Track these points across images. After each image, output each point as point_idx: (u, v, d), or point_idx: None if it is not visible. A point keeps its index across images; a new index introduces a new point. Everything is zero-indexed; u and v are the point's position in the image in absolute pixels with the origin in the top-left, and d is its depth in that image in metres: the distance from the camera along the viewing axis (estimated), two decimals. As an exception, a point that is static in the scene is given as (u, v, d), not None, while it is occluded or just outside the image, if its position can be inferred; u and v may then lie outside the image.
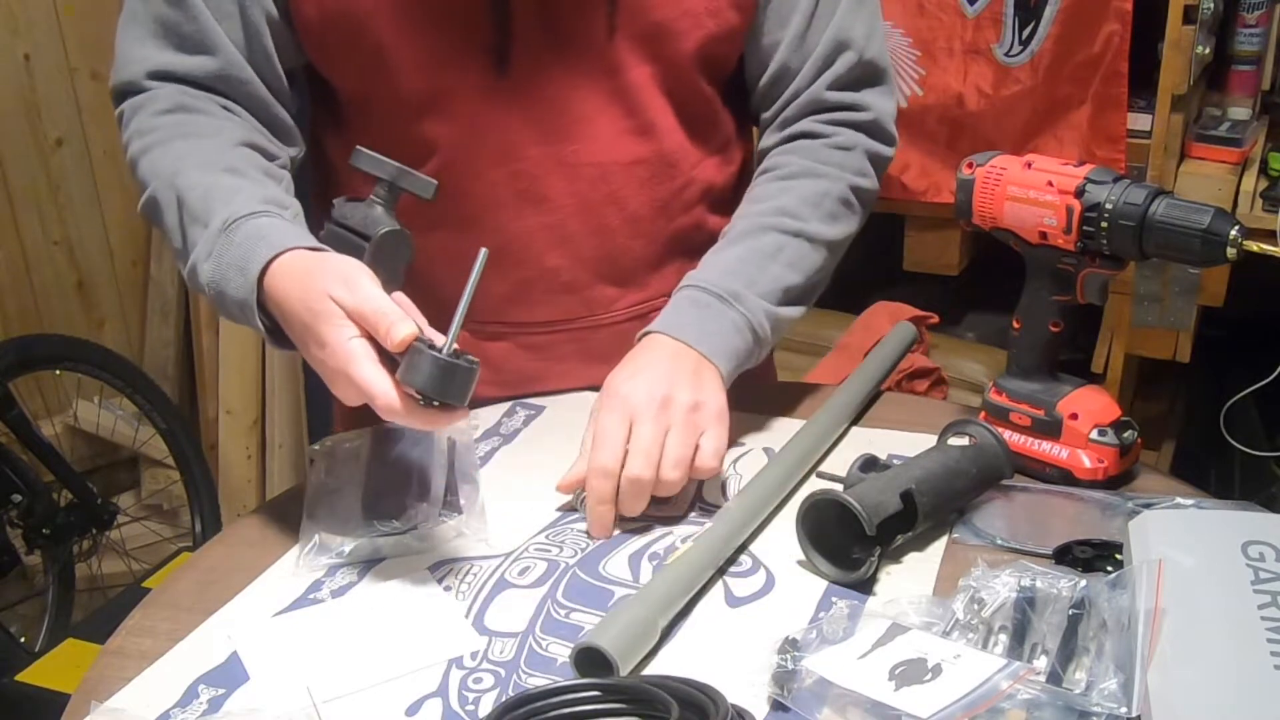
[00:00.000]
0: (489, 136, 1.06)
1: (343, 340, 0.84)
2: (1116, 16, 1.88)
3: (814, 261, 1.08)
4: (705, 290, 1.02)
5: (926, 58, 2.07)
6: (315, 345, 0.86)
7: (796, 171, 1.10)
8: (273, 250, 0.90)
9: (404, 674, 0.78)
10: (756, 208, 1.09)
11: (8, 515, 2.23)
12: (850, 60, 1.10)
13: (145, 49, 1.03)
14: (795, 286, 1.06)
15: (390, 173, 0.95)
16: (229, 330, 2.61)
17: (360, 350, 0.83)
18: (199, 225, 0.94)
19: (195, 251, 0.94)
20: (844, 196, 1.10)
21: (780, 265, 1.05)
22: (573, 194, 1.09)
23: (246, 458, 2.66)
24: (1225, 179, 1.89)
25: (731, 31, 1.08)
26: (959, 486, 0.91)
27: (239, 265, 0.90)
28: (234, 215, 0.92)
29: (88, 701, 0.76)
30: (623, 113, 1.07)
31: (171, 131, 1.00)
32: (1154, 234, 0.89)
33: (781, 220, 1.06)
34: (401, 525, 0.92)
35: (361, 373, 0.83)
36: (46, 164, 2.62)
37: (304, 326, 0.86)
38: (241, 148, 1.01)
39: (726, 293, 1.02)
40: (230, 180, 0.96)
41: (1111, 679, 0.68)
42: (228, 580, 0.90)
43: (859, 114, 1.12)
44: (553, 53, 1.04)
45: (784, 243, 1.06)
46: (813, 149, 1.11)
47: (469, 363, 0.82)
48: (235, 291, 0.91)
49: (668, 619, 0.80)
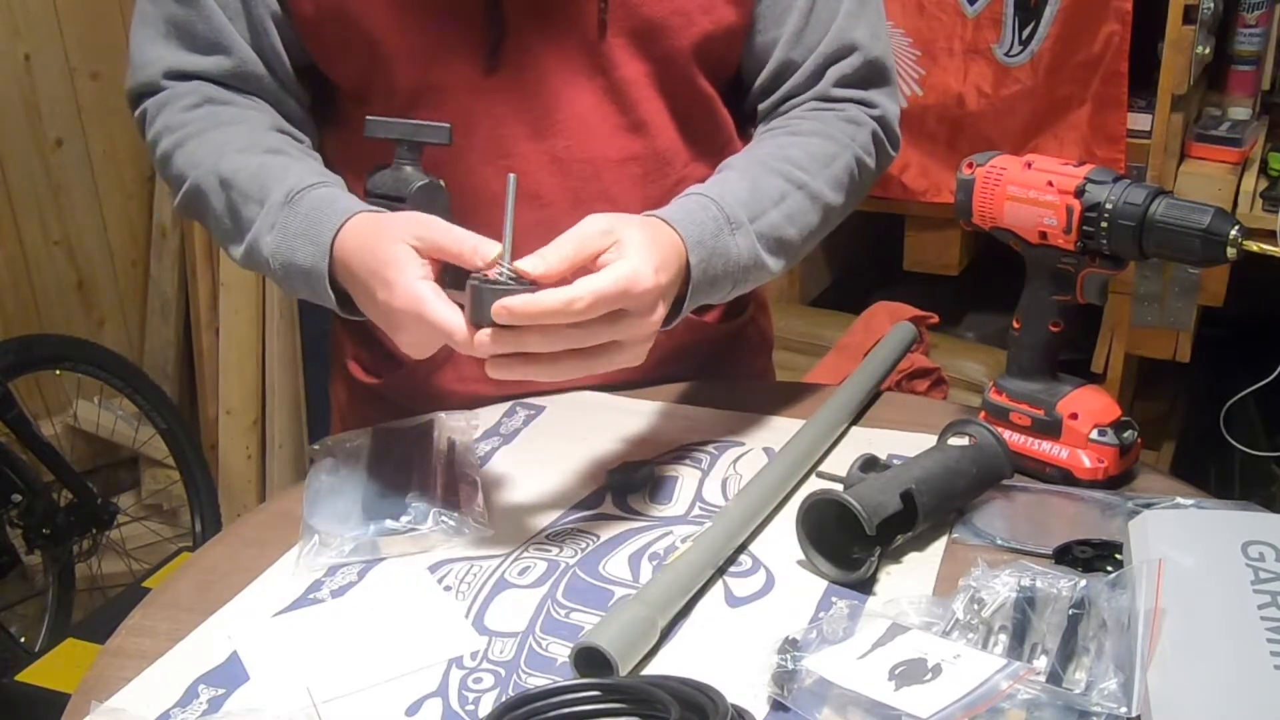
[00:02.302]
0: (480, 131, 1.06)
1: (412, 281, 0.84)
2: (1116, 16, 1.88)
3: (810, 220, 1.04)
4: (715, 203, 0.97)
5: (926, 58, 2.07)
6: (382, 288, 0.86)
7: (807, 130, 1.08)
8: (342, 216, 0.92)
9: (404, 674, 0.78)
10: (765, 151, 1.06)
11: (8, 515, 2.23)
12: (856, 61, 1.10)
13: (159, 49, 1.05)
14: (787, 240, 1.03)
15: (404, 131, 0.97)
16: (229, 330, 2.61)
17: (429, 290, 0.84)
18: (253, 203, 0.96)
19: (255, 227, 0.95)
20: (850, 166, 1.08)
21: (779, 213, 1.02)
22: (565, 190, 1.09)
23: (246, 458, 2.66)
24: (1225, 179, 1.90)
25: (729, 29, 1.07)
26: (959, 486, 0.91)
27: (307, 234, 0.92)
28: (296, 187, 0.94)
29: (88, 701, 0.76)
30: (615, 110, 1.07)
31: (204, 124, 1.02)
32: (1154, 234, 0.89)
33: (788, 169, 1.03)
34: (401, 525, 0.92)
35: (436, 312, 0.83)
36: (46, 164, 2.62)
37: (370, 274, 0.87)
38: (275, 132, 1.03)
39: (733, 217, 0.98)
40: (276, 160, 0.98)
41: (1111, 679, 0.68)
42: (228, 580, 0.90)
43: (868, 109, 1.12)
44: (545, 48, 1.04)
45: (787, 191, 1.02)
46: (823, 116, 1.10)
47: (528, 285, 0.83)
48: (304, 260, 0.92)
49: (667, 618, 0.80)
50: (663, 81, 1.08)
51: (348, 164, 1.13)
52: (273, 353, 2.61)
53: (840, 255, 2.50)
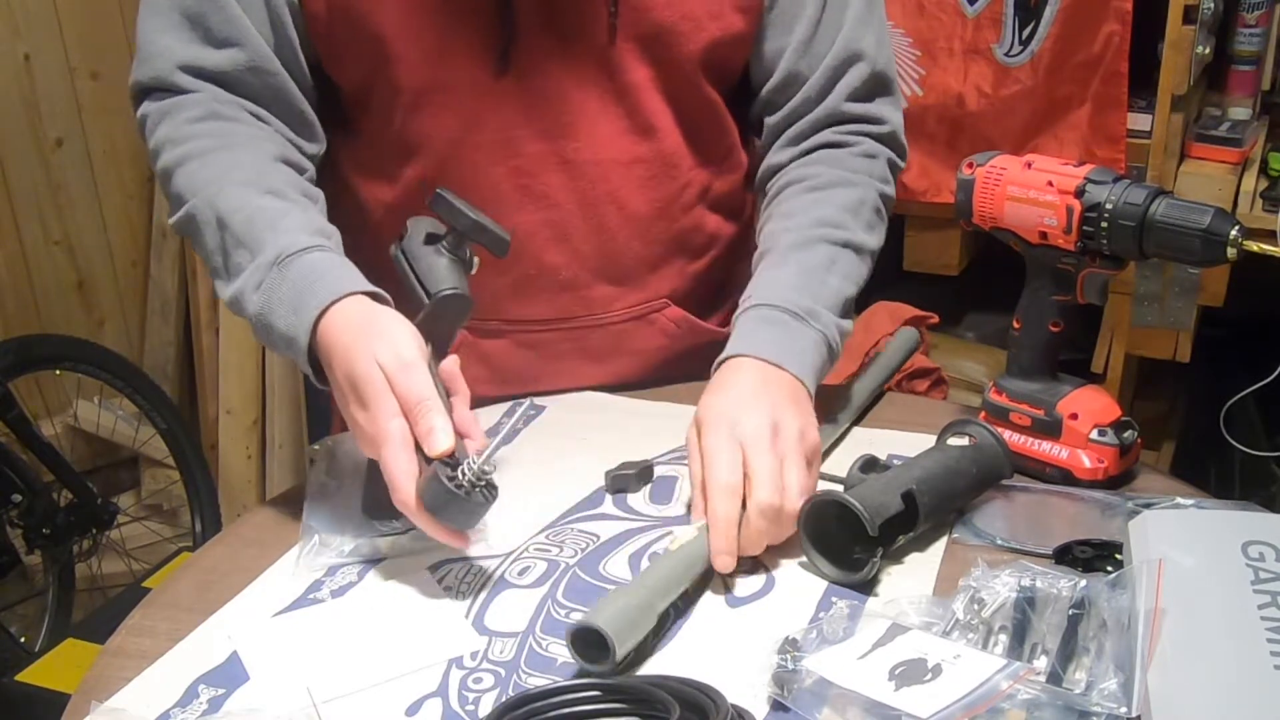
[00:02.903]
0: (488, 131, 1.06)
1: (385, 417, 0.84)
2: (1116, 16, 1.88)
3: (862, 272, 1.06)
4: (778, 309, 0.99)
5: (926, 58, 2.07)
6: (356, 406, 0.86)
7: (828, 181, 1.09)
8: (331, 295, 0.89)
9: (404, 674, 0.78)
10: (797, 220, 1.06)
11: (8, 515, 2.23)
12: (864, 72, 1.10)
13: (170, 40, 1.02)
14: (850, 298, 1.05)
15: (465, 224, 0.91)
16: (229, 330, 2.61)
17: (398, 435, 0.83)
18: (244, 251, 0.93)
19: (241, 279, 0.93)
20: (876, 205, 1.10)
21: (837, 277, 1.03)
22: (572, 191, 1.09)
23: (246, 458, 2.66)
24: (1225, 179, 1.89)
25: (736, 36, 1.08)
26: (959, 486, 0.91)
27: (291, 304, 0.90)
28: (288, 250, 0.92)
29: (88, 701, 0.76)
30: (623, 113, 1.07)
31: (207, 143, 0.99)
32: (1154, 234, 0.89)
33: (828, 231, 1.05)
34: (401, 525, 0.92)
35: (392, 459, 0.83)
36: (46, 164, 2.62)
37: (350, 384, 0.86)
38: (279, 165, 1.00)
39: (802, 310, 0.99)
40: (275, 204, 0.96)
41: (1111, 679, 0.68)
42: (228, 580, 0.90)
43: (877, 127, 1.13)
44: (554, 50, 1.04)
45: (836, 254, 1.04)
46: (839, 158, 1.10)
47: (484, 496, 0.83)
48: (286, 329, 0.90)
49: (666, 603, 0.81)
50: (669, 86, 1.08)
51: (356, 166, 1.13)
52: (273, 353, 2.61)
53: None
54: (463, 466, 0.82)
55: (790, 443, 0.89)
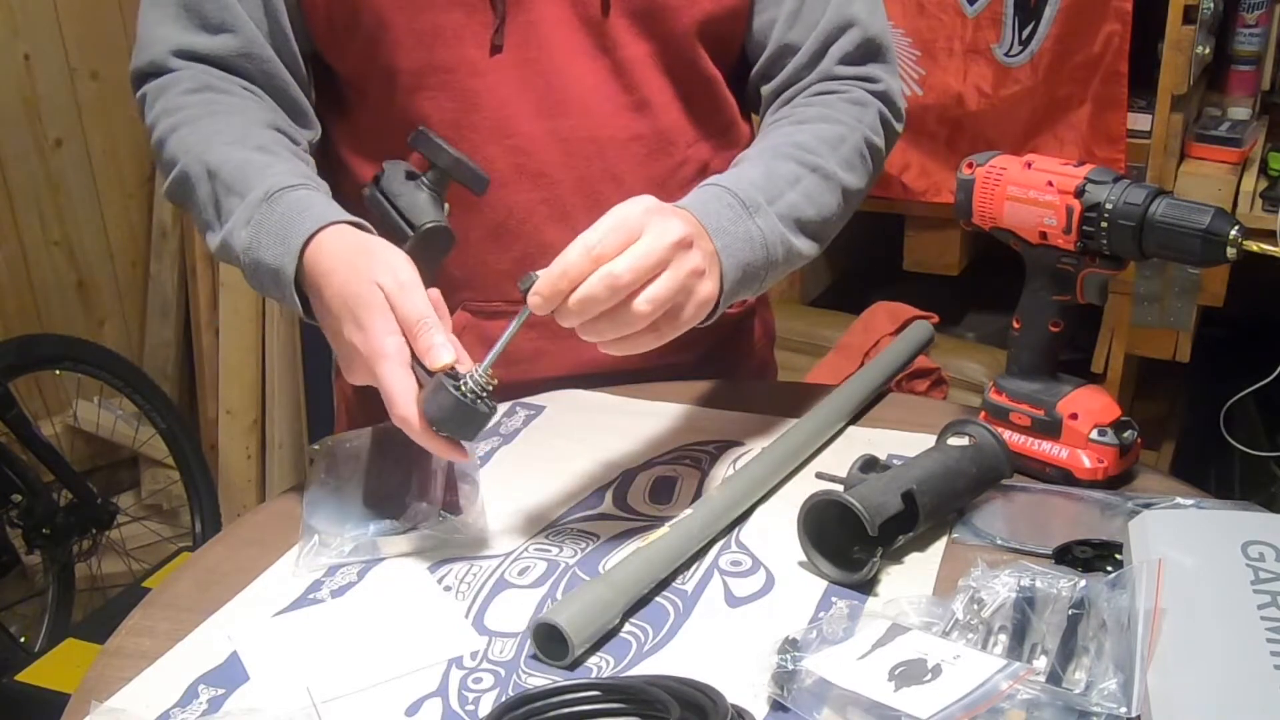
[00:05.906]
0: (485, 110, 1.06)
1: (382, 334, 0.84)
2: (1116, 16, 1.89)
3: (828, 201, 1.03)
4: (729, 191, 0.95)
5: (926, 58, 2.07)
6: (353, 327, 0.86)
7: (812, 116, 1.08)
8: (317, 222, 0.91)
9: (404, 674, 0.78)
10: (771, 141, 1.05)
11: (8, 515, 2.23)
12: (856, 37, 1.10)
13: (167, 29, 1.05)
14: (809, 219, 1.01)
15: (446, 161, 0.94)
16: (229, 331, 2.61)
17: (395, 351, 0.84)
18: (235, 196, 0.95)
19: (231, 219, 0.95)
20: (859, 147, 1.07)
21: (797, 194, 1.01)
22: (570, 169, 1.09)
23: (246, 458, 2.67)
24: (1225, 179, 1.89)
25: (730, 10, 1.08)
26: (959, 486, 0.91)
27: (279, 234, 0.91)
28: (276, 186, 0.94)
29: (88, 701, 0.76)
30: (619, 89, 1.08)
31: (199, 110, 1.02)
32: (1154, 234, 0.89)
33: (800, 154, 1.03)
34: (401, 525, 0.92)
35: (390, 375, 0.83)
36: (46, 164, 2.62)
37: (344, 307, 0.87)
38: (268, 129, 1.02)
39: (749, 201, 0.96)
40: (263, 157, 0.98)
41: (1111, 679, 0.68)
42: (228, 580, 0.90)
43: (871, 84, 1.12)
44: (549, 28, 1.05)
45: (801, 174, 1.02)
46: (827, 100, 1.10)
47: (488, 407, 0.83)
48: (272, 259, 0.91)
49: (630, 600, 0.81)
50: (666, 61, 1.08)
51: (355, 150, 1.13)
52: (273, 353, 2.61)
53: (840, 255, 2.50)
54: (465, 378, 0.83)
55: (685, 264, 0.85)
